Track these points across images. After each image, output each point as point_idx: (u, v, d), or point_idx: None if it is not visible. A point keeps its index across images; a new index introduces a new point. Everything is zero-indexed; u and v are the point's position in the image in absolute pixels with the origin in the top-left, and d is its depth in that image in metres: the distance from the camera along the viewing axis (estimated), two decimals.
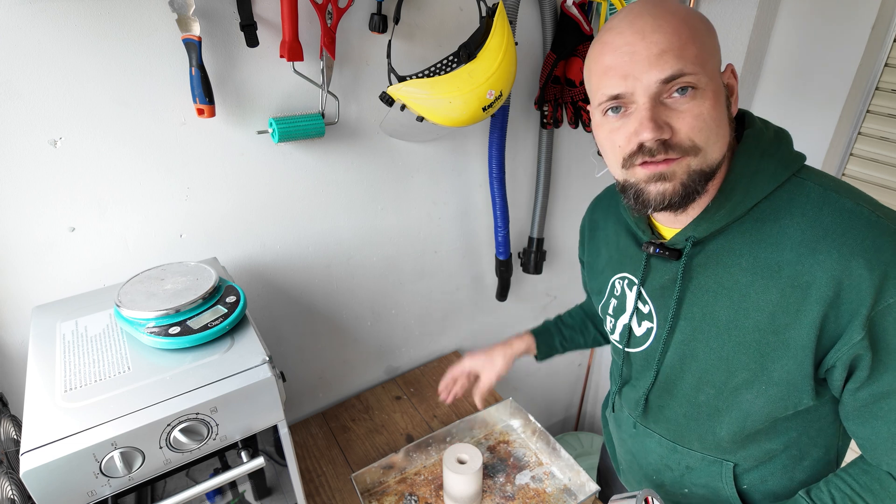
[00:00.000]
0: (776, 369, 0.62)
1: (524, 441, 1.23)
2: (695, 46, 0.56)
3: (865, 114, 1.25)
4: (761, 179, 0.61)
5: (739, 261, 0.63)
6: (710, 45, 0.58)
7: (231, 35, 0.89)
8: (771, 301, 0.61)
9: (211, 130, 0.95)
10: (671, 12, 0.57)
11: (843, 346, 0.58)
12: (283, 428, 0.76)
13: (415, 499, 1.09)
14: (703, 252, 0.66)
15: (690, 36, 0.56)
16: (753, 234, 0.62)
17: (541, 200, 1.43)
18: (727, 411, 0.69)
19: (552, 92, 1.26)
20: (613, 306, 0.80)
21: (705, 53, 0.57)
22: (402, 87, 0.96)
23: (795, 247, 0.59)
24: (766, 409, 0.66)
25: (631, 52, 0.57)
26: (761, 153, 0.62)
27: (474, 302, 1.54)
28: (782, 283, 0.60)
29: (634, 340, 0.77)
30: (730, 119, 0.61)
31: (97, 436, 0.62)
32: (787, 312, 0.60)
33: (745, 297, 0.63)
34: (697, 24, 0.58)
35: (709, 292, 0.66)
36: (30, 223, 0.86)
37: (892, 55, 1.17)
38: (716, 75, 0.59)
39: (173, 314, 0.75)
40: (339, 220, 1.17)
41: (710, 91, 0.57)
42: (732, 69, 0.63)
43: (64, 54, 0.79)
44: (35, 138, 0.81)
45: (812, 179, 0.61)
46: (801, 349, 0.60)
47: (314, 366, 1.31)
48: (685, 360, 0.70)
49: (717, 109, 0.58)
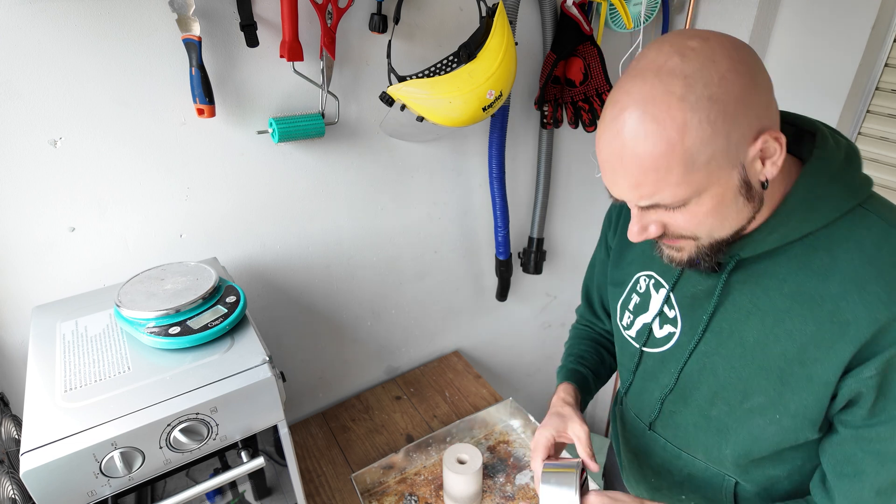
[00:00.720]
0: (794, 401, 0.60)
1: (524, 441, 1.23)
2: (678, 173, 0.51)
3: (865, 114, 1.25)
4: (823, 207, 0.57)
5: (781, 286, 0.60)
6: (712, 148, 0.50)
7: (231, 35, 0.89)
8: (805, 332, 0.58)
9: (211, 130, 0.95)
10: (655, 130, 0.50)
11: (852, 379, 0.56)
12: (283, 428, 0.76)
13: (415, 499, 1.09)
14: (744, 269, 0.63)
15: (671, 164, 0.51)
16: (802, 261, 0.58)
17: (541, 200, 1.43)
18: (736, 431, 0.67)
19: (552, 92, 1.26)
20: (635, 303, 0.77)
21: (697, 168, 0.51)
22: (402, 87, 0.96)
23: (843, 281, 0.56)
24: (775, 437, 0.64)
25: (612, 171, 0.55)
26: (828, 179, 0.57)
27: (474, 302, 1.54)
28: (821, 316, 0.57)
29: (653, 341, 0.75)
30: (752, 194, 0.55)
31: (97, 436, 0.62)
32: (818, 347, 0.57)
33: (779, 323, 0.60)
34: (691, 134, 0.50)
35: (741, 310, 0.63)
36: (30, 223, 0.86)
37: (892, 55, 1.17)
38: (718, 177, 0.52)
39: (173, 314, 0.75)
40: (339, 220, 1.17)
41: (708, 196, 0.53)
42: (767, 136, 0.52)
43: (64, 54, 0.79)
44: (35, 138, 0.81)
45: (878, 212, 0.57)
46: (823, 385, 0.58)
47: (314, 366, 1.31)
48: (703, 372, 0.68)
49: (719, 208, 0.54)
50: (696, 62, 0.50)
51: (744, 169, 0.53)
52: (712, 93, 0.49)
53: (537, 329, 1.78)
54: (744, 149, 0.52)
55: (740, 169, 0.53)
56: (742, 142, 0.52)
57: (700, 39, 0.51)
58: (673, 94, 0.50)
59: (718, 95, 0.49)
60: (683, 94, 0.49)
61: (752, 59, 0.52)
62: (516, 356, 1.78)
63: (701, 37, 0.52)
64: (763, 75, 0.52)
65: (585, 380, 0.90)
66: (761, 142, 0.52)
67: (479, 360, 1.67)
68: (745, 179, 0.53)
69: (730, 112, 0.50)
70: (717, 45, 0.51)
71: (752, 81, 0.51)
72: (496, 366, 1.73)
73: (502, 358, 1.74)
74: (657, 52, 0.52)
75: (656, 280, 0.74)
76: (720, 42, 0.51)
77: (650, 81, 0.51)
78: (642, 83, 0.51)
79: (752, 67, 0.51)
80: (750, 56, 0.52)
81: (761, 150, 0.52)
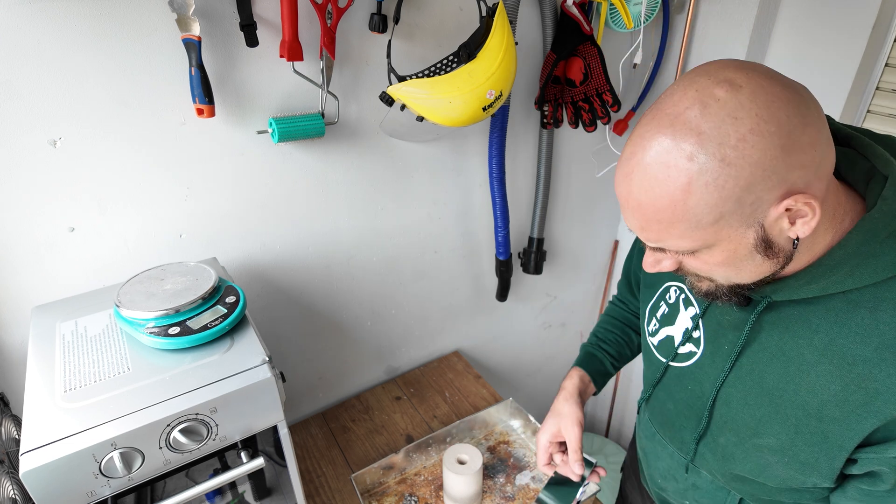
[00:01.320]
0: (805, 451, 0.59)
1: (524, 441, 1.23)
2: (681, 228, 0.50)
3: (866, 114, 1.24)
4: (874, 265, 0.52)
5: (813, 337, 0.56)
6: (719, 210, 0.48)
7: (231, 35, 0.89)
8: (829, 391, 0.55)
9: (211, 130, 0.95)
10: (661, 183, 0.49)
11: (873, 454, 0.54)
12: (282, 428, 0.76)
13: (415, 499, 1.09)
14: (776, 311, 0.60)
15: (674, 220, 0.50)
16: (840, 316, 0.55)
17: (541, 200, 1.43)
18: (742, 461, 0.66)
19: (552, 92, 1.26)
20: (663, 312, 0.75)
21: (702, 226, 0.49)
22: (402, 87, 0.96)
23: (880, 347, 0.52)
24: (783, 475, 0.62)
25: (623, 208, 0.55)
26: (888, 234, 0.51)
27: (474, 302, 1.54)
28: (849, 378, 0.54)
29: (678, 357, 0.73)
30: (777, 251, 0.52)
31: (97, 436, 0.62)
32: (840, 408, 0.55)
33: (803, 375, 0.57)
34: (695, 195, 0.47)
35: (766, 352, 0.61)
36: (30, 223, 0.86)
37: (892, 55, 1.17)
38: (728, 234, 0.50)
39: (173, 314, 0.75)
40: (339, 220, 1.17)
41: (719, 249, 0.51)
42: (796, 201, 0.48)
43: (64, 54, 0.79)
44: (35, 138, 0.81)
45: None
46: (838, 448, 0.56)
47: (314, 366, 1.31)
48: (718, 401, 0.67)
49: (732, 261, 0.52)
50: (716, 118, 0.46)
51: (763, 229, 0.50)
52: (725, 155, 0.46)
53: (537, 329, 1.78)
54: (763, 210, 0.48)
55: (757, 228, 0.50)
56: (760, 204, 0.48)
57: (729, 88, 0.46)
58: (683, 151, 0.47)
59: (732, 159, 0.46)
60: (693, 154, 0.47)
61: (791, 111, 0.46)
62: (516, 356, 1.78)
63: (733, 84, 0.46)
64: (805, 129, 0.46)
65: (602, 364, 0.91)
66: (787, 204, 0.48)
67: (479, 361, 1.67)
68: (763, 238, 0.50)
69: (744, 177, 0.46)
70: (749, 96, 0.46)
71: (783, 141, 0.46)
72: (496, 366, 1.73)
73: (502, 358, 1.74)
74: (682, 94, 0.49)
75: (686, 296, 0.71)
76: (755, 91, 0.46)
77: (665, 131, 0.48)
78: (657, 130, 0.49)
79: (788, 123, 0.45)
80: (790, 107, 0.46)
81: (787, 210, 0.48)
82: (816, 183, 0.48)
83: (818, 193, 0.49)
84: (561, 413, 0.83)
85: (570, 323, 1.87)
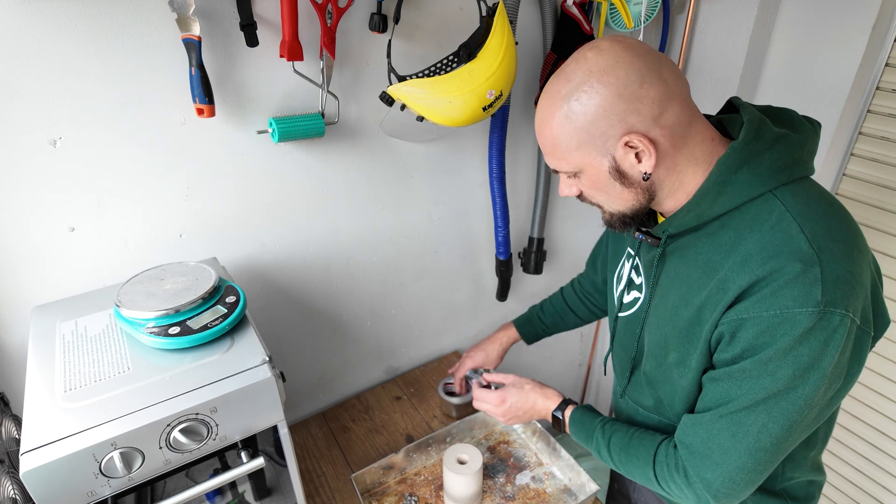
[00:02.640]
0: (693, 357, 0.70)
1: (524, 441, 1.23)
2: (559, 149, 0.68)
3: (866, 114, 1.24)
4: (730, 192, 0.65)
5: (696, 258, 0.69)
6: (576, 141, 0.66)
7: (231, 35, 0.89)
8: (702, 297, 0.67)
9: (211, 130, 0.95)
10: (544, 122, 0.68)
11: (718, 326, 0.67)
12: (283, 428, 0.76)
13: (415, 499, 1.09)
14: (675, 243, 0.73)
15: (552, 147, 0.68)
16: (714, 238, 0.68)
17: (541, 200, 1.43)
18: (662, 384, 0.78)
19: None
20: (618, 273, 0.89)
21: (568, 153, 0.67)
22: (402, 86, 0.96)
23: (738, 257, 0.64)
24: (688, 388, 0.73)
25: None
26: (740, 165, 0.64)
27: (474, 302, 1.54)
28: (713, 284, 0.66)
29: (624, 306, 0.86)
30: (632, 180, 0.67)
31: (97, 436, 0.62)
32: (709, 309, 0.67)
33: (689, 291, 0.70)
34: (559, 131, 0.66)
35: (668, 278, 0.74)
36: (30, 223, 0.86)
37: (892, 55, 1.17)
38: (587, 162, 0.67)
39: (173, 314, 0.75)
40: (339, 219, 1.17)
41: (585, 176, 0.69)
42: (633, 137, 0.63)
43: (64, 54, 0.79)
44: (35, 138, 0.81)
45: (783, 198, 0.64)
46: (705, 342, 0.68)
47: (314, 366, 1.31)
48: (643, 331, 0.80)
49: (598, 185, 0.69)
50: (579, 71, 0.64)
51: (614, 160, 0.66)
52: (578, 97, 0.64)
53: None
54: (611, 144, 0.65)
55: (610, 159, 0.66)
56: (607, 139, 0.64)
57: (595, 51, 0.64)
58: (557, 93, 0.66)
59: (583, 100, 0.63)
60: (562, 96, 0.65)
61: (631, 71, 0.62)
62: (516, 356, 1.77)
63: (599, 48, 0.64)
64: (642, 86, 0.62)
65: (529, 321, 1.19)
66: (626, 139, 0.63)
67: None
68: (615, 167, 0.66)
69: (589, 113, 0.63)
70: (604, 58, 0.63)
71: (619, 91, 0.62)
72: None
73: None
74: (577, 52, 0.66)
75: (629, 252, 0.85)
76: (609, 55, 0.63)
77: (553, 80, 0.67)
78: (551, 80, 0.68)
79: (625, 78, 0.62)
80: (631, 69, 0.62)
81: (630, 147, 0.64)
82: (656, 129, 0.63)
83: (657, 138, 0.64)
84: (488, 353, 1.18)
85: None
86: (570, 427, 0.88)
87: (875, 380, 1.43)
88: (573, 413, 0.88)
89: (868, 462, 1.51)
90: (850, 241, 0.62)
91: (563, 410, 0.89)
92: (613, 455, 0.80)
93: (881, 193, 1.27)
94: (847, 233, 0.63)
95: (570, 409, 0.89)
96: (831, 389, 0.64)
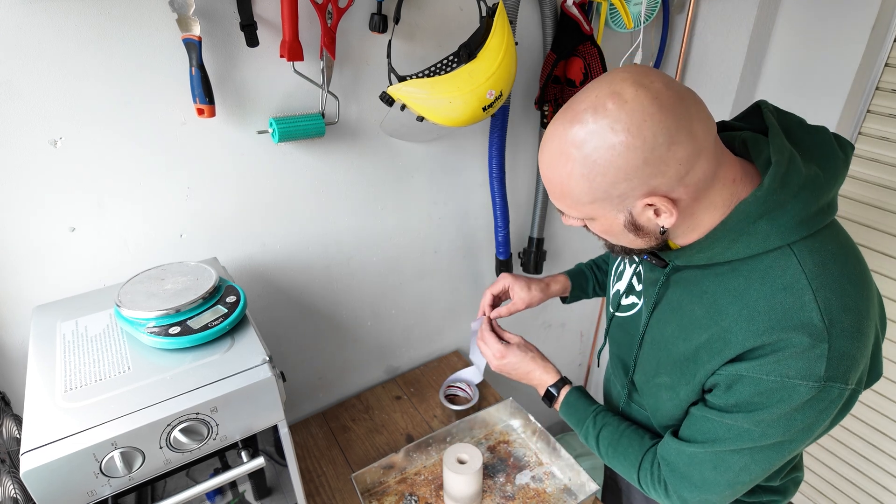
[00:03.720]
0: (683, 389, 0.70)
1: (524, 441, 1.23)
2: (567, 201, 0.63)
3: (866, 114, 1.25)
4: (746, 242, 0.62)
5: (702, 297, 0.67)
6: (591, 196, 0.60)
7: (231, 35, 0.89)
8: (702, 339, 0.66)
9: (211, 130, 0.95)
10: (556, 168, 0.61)
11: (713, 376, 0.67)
12: (283, 428, 0.76)
13: (415, 499, 1.09)
14: (681, 273, 0.71)
15: (563, 193, 0.63)
16: (723, 281, 0.65)
17: (541, 200, 1.43)
18: (647, 397, 0.79)
19: (552, 92, 1.26)
20: (619, 270, 0.89)
21: (582, 204, 0.62)
22: (402, 87, 0.96)
23: (745, 309, 0.62)
24: (672, 411, 0.74)
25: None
26: (760, 214, 0.60)
27: (474, 302, 1.54)
28: (716, 331, 0.64)
29: (621, 307, 0.86)
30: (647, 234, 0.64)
31: (97, 436, 0.62)
32: (707, 353, 0.66)
33: (690, 326, 0.68)
34: (574, 183, 0.60)
35: (669, 306, 0.73)
36: (30, 223, 0.86)
37: (892, 55, 1.17)
38: (602, 214, 0.63)
39: (173, 314, 0.75)
40: (339, 219, 1.17)
41: (598, 224, 0.66)
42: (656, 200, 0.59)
43: (64, 54, 0.79)
44: (35, 138, 0.81)
45: (801, 256, 0.60)
46: (699, 383, 0.68)
47: (314, 366, 1.31)
48: (642, 344, 0.79)
49: (609, 233, 0.66)
50: (599, 125, 0.56)
51: (631, 215, 0.62)
52: (598, 157, 0.57)
53: (537, 329, 1.78)
54: (630, 202, 0.60)
55: (626, 214, 0.62)
56: (626, 198, 0.60)
57: (617, 101, 0.56)
58: (573, 144, 0.58)
59: (603, 161, 0.57)
60: (579, 146, 0.58)
61: (659, 131, 0.55)
62: None
63: (621, 97, 0.56)
64: (671, 147, 0.56)
65: (583, 273, 1.10)
66: (648, 201, 0.59)
67: None
68: (631, 222, 0.63)
69: (610, 175, 0.58)
70: (628, 113, 0.55)
71: (646, 155, 0.56)
72: None
73: None
74: (586, 96, 0.59)
75: (633, 257, 0.84)
76: (634, 109, 0.55)
77: (566, 125, 0.59)
78: (561, 123, 0.60)
79: (653, 141, 0.55)
80: (658, 128, 0.55)
81: (650, 205, 0.60)
82: (680, 188, 0.59)
83: (680, 196, 0.60)
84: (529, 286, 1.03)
85: (570, 323, 1.87)
86: (563, 407, 0.88)
87: None
88: (568, 395, 0.88)
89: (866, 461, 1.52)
90: (862, 308, 0.60)
91: (560, 388, 0.89)
92: (601, 447, 0.82)
93: (881, 193, 1.27)
94: (860, 297, 0.60)
95: (567, 389, 0.89)
96: (817, 437, 0.67)
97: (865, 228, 1.33)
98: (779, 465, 0.67)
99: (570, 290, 1.07)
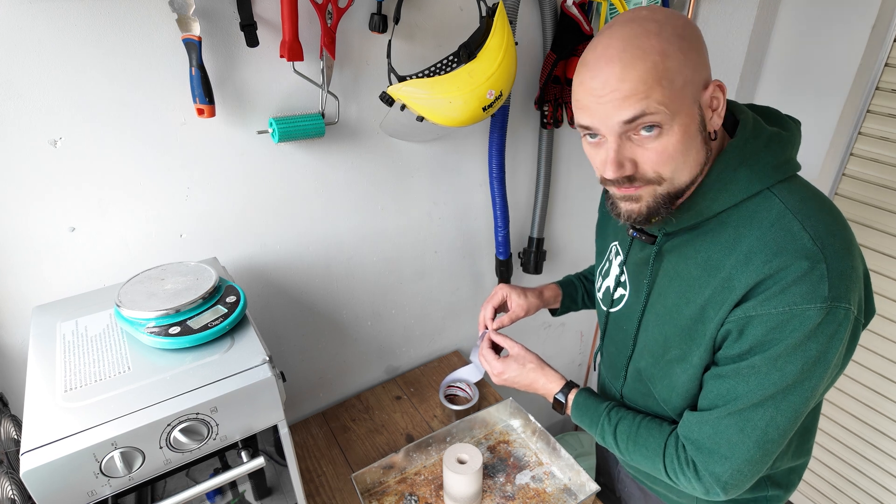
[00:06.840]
0: (696, 354, 0.71)
1: (524, 441, 1.23)
2: (661, 88, 0.59)
3: (866, 114, 1.25)
4: (731, 190, 0.66)
5: (696, 256, 0.70)
6: (684, 76, 0.60)
7: (231, 35, 0.89)
8: (705, 296, 0.68)
9: (211, 130, 0.95)
10: (643, 52, 0.59)
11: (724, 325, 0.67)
12: (283, 428, 0.76)
13: (415, 499, 1.09)
14: (672, 241, 0.73)
15: (658, 79, 0.59)
16: (714, 236, 0.68)
17: (541, 200, 1.43)
18: (659, 380, 0.78)
19: (552, 92, 1.26)
20: (605, 268, 0.90)
21: (675, 90, 0.60)
22: (402, 87, 0.96)
23: (740, 254, 0.65)
24: (688, 384, 0.74)
25: (599, 95, 0.61)
26: (739, 163, 0.66)
27: (474, 302, 1.54)
28: (717, 283, 0.67)
29: (614, 303, 0.87)
30: (706, 139, 0.65)
31: (97, 436, 0.62)
32: (713, 308, 0.67)
33: (690, 289, 0.70)
34: (671, 59, 0.59)
35: (667, 277, 0.74)
36: (30, 223, 0.86)
37: (892, 55, 1.17)
38: (687, 106, 0.61)
39: (173, 314, 0.75)
40: (339, 220, 1.17)
41: (678, 125, 0.61)
42: (718, 85, 0.63)
43: (64, 54, 0.79)
44: (35, 138, 0.81)
45: (781, 196, 0.65)
46: (710, 339, 0.68)
47: (314, 366, 1.31)
48: (640, 330, 0.81)
49: (685, 141, 0.62)
50: (661, 14, 0.61)
51: (700, 109, 0.63)
52: (680, 33, 0.60)
53: (537, 329, 1.78)
54: (699, 91, 0.62)
55: (699, 108, 0.62)
56: (699, 83, 0.62)
57: (660, 12, 0.62)
58: (650, 31, 0.60)
59: (686, 34, 0.60)
60: (659, 31, 0.59)
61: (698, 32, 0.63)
62: None
63: (653, 8, 0.63)
64: (702, 48, 0.63)
65: (572, 284, 1.11)
66: (712, 88, 0.62)
67: None
68: (702, 119, 0.63)
69: (693, 50, 0.61)
70: (673, 18, 0.62)
71: (701, 40, 0.62)
72: None
73: None
74: (623, 17, 0.63)
75: (618, 249, 0.86)
76: (676, 17, 0.62)
77: (628, 27, 0.61)
78: (621, 29, 0.61)
79: (699, 31, 0.63)
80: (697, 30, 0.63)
81: (711, 97, 0.63)
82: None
83: None
84: (526, 295, 1.05)
85: (570, 323, 1.87)
86: (574, 410, 0.87)
87: (869, 376, 1.43)
88: (577, 397, 0.87)
89: (866, 461, 1.52)
90: (846, 236, 0.64)
91: (567, 394, 0.88)
92: (620, 443, 0.80)
93: (881, 193, 1.27)
94: (842, 228, 0.64)
95: (574, 393, 0.88)
96: (831, 377, 0.67)
97: (865, 228, 1.33)
98: (803, 413, 0.66)
99: (560, 300, 1.09)
